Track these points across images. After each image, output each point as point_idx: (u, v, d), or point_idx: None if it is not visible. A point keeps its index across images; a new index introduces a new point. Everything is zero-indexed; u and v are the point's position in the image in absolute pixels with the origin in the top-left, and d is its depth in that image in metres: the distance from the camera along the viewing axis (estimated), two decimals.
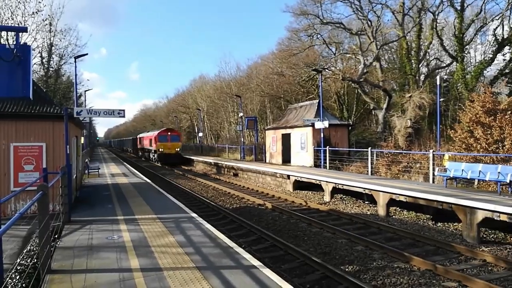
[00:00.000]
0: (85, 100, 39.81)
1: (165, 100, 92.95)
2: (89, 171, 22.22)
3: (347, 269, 8.00)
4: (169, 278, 5.46)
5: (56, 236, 7.96)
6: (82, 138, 23.57)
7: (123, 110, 11.23)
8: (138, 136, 57.63)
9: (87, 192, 14.90)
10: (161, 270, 5.82)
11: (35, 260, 6.38)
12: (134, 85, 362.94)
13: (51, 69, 34.26)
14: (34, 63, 30.48)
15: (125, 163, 34.47)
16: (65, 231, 8.35)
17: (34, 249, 7.03)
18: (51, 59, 33.68)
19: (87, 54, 25.60)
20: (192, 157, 39.71)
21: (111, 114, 11.12)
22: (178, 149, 39.17)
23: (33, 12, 27.93)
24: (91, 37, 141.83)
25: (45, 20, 30.35)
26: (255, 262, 6.19)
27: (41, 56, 32.36)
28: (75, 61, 24.14)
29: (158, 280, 5.40)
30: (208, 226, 8.84)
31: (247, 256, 6.54)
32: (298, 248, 9.12)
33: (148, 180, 19.20)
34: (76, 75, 25.58)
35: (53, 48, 32.92)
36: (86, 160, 25.82)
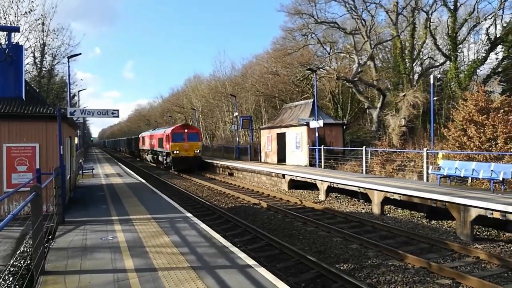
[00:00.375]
0: (78, 100, 39.60)
1: (160, 100, 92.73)
2: (83, 171, 22.10)
3: (342, 268, 8.02)
4: (163, 278, 5.45)
5: (50, 237, 7.90)
6: (76, 139, 23.43)
7: (117, 110, 11.19)
8: (140, 136, 48.48)
9: (81, 193, 14.82)
10: (156, 270, 5.80)
11: (29, 262, 6.34)
12: (129, 85, 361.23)
13: (44, 69, 34.04)
14: (27, 63, 30.27)
15: (119, 164, 34.33)
16: (59, 232, 8.30)
17: (28, 250, 6.98)
18: (44, 59, 33.49)
19: (80, 54, 25.49)
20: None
21: (105, 114, 11.08)
22: (198, 151, 31.11)
23: (25, 12, 27.76)
24: (84, 37, 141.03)
25: (38, 19, 30.17)
26: (250, 262, 6.19)
27: (33, 56, 32.16)
28: (68, 61, 24.00)
29: (152, 281, 5.38)
30: (203, 226, 8.83)
31: (242, 255, 6.54)
32: (293, 247, 9.13)
33: (143, 180, 19.13)
34: (69, 75, 25.46)
35: (46, 48, 32.72)
36: (80, 160, 25.66)
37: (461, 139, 15.83)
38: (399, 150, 19.63)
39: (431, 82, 19.81)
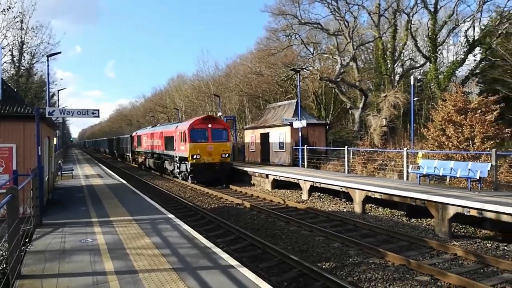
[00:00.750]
0: (58, 100, 38.83)
1: (142, 100, 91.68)
2: (62, 172, 21.65)
3: (324, 266, 8.09)
4: (144, 280, 5.38)
5: (26, 240, 7.70)
6: (55, 139, 22.93)
7: (97, 110, 11.01)
8: (135, 134, 38.88)
9: (60, 194, 14.50)
10: (137, 272, 5.73)
11: (4, 266, 6.17)
12: (110, 83, 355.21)
13: (22, 68, 33.09)
14: (4, 62, 29.38)
15: (100, 164, 33.75)
16: (36, 235, 8.10)
17: (3, 254, 6.78)
18: (22, 58, 32.52)
19: (60, 52, 24.80)
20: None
21: (85, 114, 10.88)
22: (226, 155, 22.27)
23: (3, 9, 26.92)
24: (65, 35, 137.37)
25: (16, 17, 29.33)
26: (233, 262, 6.18)
27: (11, 55, 31.22)
28: (47, 60, 23.40)
29: (133, 283, 5.31)
30: (186, 227, 8.77)
31: (225, 256, 6.53)
32: (275, 246, 9.16)
33: (124, 181, 18.86)
34: (48, 74, 24.81)
35: (24, 46, 31.81)
36: (59, 161, 25.12)
37: (440, 139, 16.19)
38: (380, 150, 19.95)
39: (412, 83, 20.19)
